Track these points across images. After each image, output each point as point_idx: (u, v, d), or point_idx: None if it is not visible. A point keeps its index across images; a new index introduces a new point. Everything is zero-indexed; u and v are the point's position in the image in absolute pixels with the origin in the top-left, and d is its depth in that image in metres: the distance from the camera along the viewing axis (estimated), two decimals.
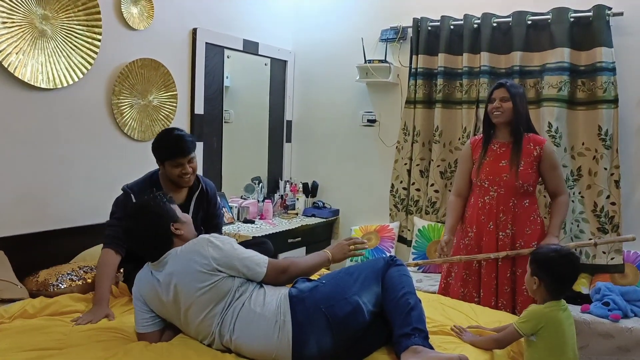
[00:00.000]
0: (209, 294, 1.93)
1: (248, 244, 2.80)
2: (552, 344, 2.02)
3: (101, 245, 2.83)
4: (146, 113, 3.27)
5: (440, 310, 2.51)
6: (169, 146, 2.54)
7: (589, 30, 3.34)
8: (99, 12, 2.90)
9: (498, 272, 2.80)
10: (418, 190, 3.96)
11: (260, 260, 2.03)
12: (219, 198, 2.96)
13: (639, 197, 3.37)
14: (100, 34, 2.92)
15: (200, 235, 2.05)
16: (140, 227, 2.05)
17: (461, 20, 3.71)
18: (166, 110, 3.39)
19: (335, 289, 1.96)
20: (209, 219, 2.80)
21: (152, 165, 2.90)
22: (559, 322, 2.02)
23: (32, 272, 2.53)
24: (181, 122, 3.49)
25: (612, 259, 3.30)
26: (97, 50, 2.92)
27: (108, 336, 2.05)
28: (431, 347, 1.90)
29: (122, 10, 3.06)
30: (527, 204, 2.80)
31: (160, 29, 3.32)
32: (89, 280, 2.49)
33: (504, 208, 2.77)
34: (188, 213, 2.66)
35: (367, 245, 2.26)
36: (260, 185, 4.21)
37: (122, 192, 2.60)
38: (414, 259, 3.85)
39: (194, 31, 3.55)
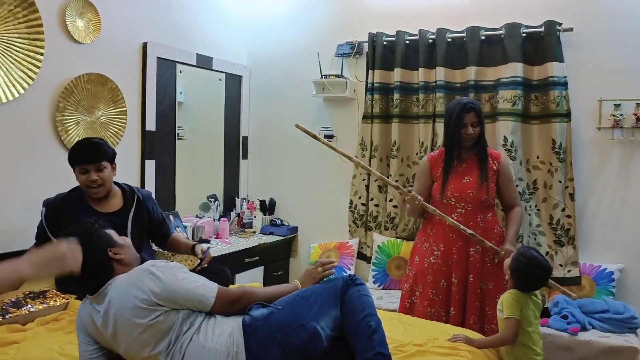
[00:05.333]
0: (151, 330, 1.78)
1: (205, 271, 2.70)
2: (525, 329, 2.30)
3: None
4: (93, 130, 3.12)
5: (401, 330, 2.46)
6: (78, 151, 2.54)
7: (541, 46, 3.39)
8: (41, 25, 2.77)
9: (467, 289, 2.78)
10: (377, 206, 3.92)
11: (206, 291, 1.86)
12: (157, 205, 2.89)
13: (593, 209, 3.42)
14: (42, 47, 2.78)
15: (143, 264, 1.89)
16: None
17: (416, 35, 3.71)
18: (115, 127, 3.25)
19: (292, 316, 1.85)
20: (155, 232, 2.73)
21: None
22: (530, 308, 2.33)
23: None
24: (132, 139, 3.36)
25: (569, 271, 3.33)
26: (39, 64, 2.78)
27: None
28: None
29: (67, 22, 2.92)
30: (490, 217, 2.83)
31: (108, 43, 3.19)
32: (34, 309, 2.32)
33: (473, 224, 2.77)
34: (126, 230, 2.56)
35: (335, 263, 2.17)
36: (216, 203, 4.09)
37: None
38: (373, 276, 3.80)
39: (144, 45, 3.43)
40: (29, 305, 2.32)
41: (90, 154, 2.51)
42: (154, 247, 2.96)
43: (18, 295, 2.36)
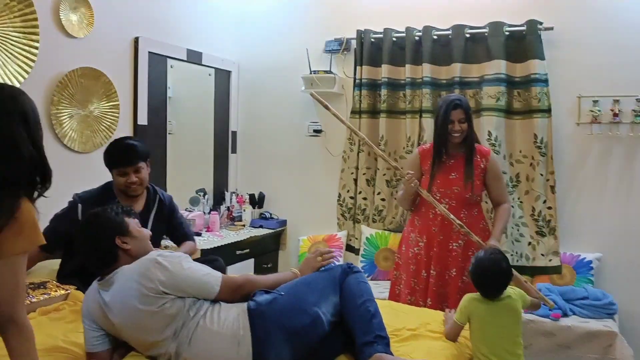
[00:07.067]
0: (157, 317, 1.84)
1: (198, 261, 2.75)
2: (476, 331, 2.20)
3: (44, 262, 2.72)
4: (87, 124, 3.15)
5: (393, 316, 2.54)
6: (115, 153, 2.57)
7: (523, 44, 3.52)
8: (36, 19, 2.78)
9: (448, 283, 2.86)
10: (365, 199, 4.02)
11: (211, 280, 1.93)
12: (177, 207, 2.92)
13: (572, 201, 3.56)
14: (37, 41, 2.80)
15: (148, 254, 1.94)
16: (85, 237, 1.98)
17: (403, 32, 3.81)
18: (108, 121, 3.28)
19: (294, 301, 1.94)
20: (173, 231, 2.77)
21: (94, 176, 2.82)
22: (480, 312, 2.19)
23: None
24: (124, 132, 3.38)
25: (550, 260, 3.46)
26: (34, 58, 2.79)
27: (56, 357, 1.94)
28: (392, 354, 1.92)
29: (61, 17, 2.95)
30: (476, 213, 2.91)
31: (101, 37, 3.21)
32: (35, 299, 2.34)
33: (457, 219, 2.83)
34: (147, 227, 2.60)
35: (335, 253, 2.24)
36: (206, 197, 4.14)
37: (70, 200, 2.58)
38: (362, 267, 3.89)
39: (136, 40, 3.46)
40: (31, 296, 2.34)
41: (127, 157, 2.54)
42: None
43: None
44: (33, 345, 1.44)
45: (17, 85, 2.72)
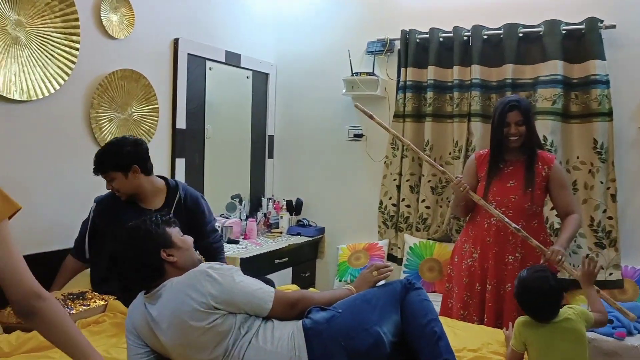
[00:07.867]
0: (208, 334, 1.71)
1: None
2: (535, 358, 2.00)
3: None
4: (126, 127, 3.05)
5: (450, 334, 2.35)
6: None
7: (582, 43, 3.31)
8: (77, 19, 2.69)
9: (504, 298, 2.69)
10: (408, 206, 3.84)
11: (264, 295, 1.79)
12: (205, 209, 2.72)
13: (635, 211, 3.33)
14: (78, 42, 2.71)
15: (199, 266, 1.82)
16: (127, 253, 1.84)
17: (451, 32, 3.63)
18: (147, 125, 3.18)
19: (354, 320, 1.78)
20: (197, 237, 2.61)
21: None
22: (535, 338, 1.99)
23: (7, 304, 2.26)
24: (163, 137, 3.29)
25: (610, 274, 3.24)
26: (74, 59, 2.70)
27: None
28: None
29: (102, 17, 2.86)
30: (536, 225, 2.71)
31: (141, 39, 3.12)
32: (75, 311, 2.24)
33: (513, 231, 2.65)
34: None
35: (392, 267, 2.10)
36: (243, 203, 4.01)
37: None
38: (406, 278, 3.71)
39: (176, 41, 3.36)
40: (69, 307, 2.25)
41: (95, 165, 2.47)
42: None
43: (58, 297, 2.28)
44: (67, 315, 1.41)
45: (58, 88, 2.64)
